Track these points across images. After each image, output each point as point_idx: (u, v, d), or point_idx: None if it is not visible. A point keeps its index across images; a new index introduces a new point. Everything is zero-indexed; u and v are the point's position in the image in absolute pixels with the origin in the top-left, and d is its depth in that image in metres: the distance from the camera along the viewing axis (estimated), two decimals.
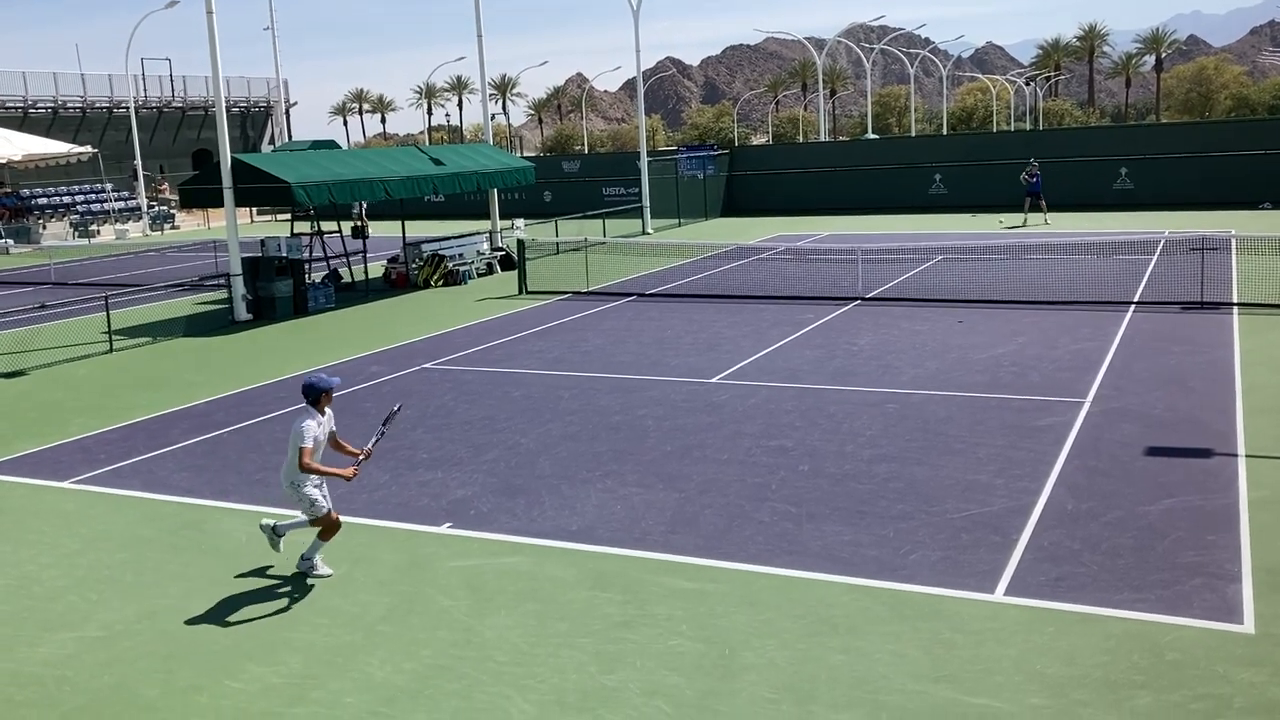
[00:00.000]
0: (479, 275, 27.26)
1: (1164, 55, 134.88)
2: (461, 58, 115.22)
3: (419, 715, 6.37)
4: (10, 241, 41.39)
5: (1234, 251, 23.42)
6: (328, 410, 8.43)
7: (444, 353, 17.44)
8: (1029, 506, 9.27)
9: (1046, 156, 40.76)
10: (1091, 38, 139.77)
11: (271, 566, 8.72)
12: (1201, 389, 13.05)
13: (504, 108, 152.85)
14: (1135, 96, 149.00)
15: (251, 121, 65.44)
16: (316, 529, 8.47)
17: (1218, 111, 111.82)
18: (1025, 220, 35.28)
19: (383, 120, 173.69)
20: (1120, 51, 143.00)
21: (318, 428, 8.25)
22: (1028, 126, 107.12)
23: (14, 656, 7.34)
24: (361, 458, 8.44)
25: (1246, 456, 10.37)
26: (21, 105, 53.82)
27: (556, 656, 6.96)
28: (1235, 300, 18.72)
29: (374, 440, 8.66)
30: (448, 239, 28.01)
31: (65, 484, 11.22)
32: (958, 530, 8.82)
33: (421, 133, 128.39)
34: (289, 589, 8.28)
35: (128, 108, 51.86)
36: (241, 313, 21.84)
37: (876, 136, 69.99)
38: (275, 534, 8.67)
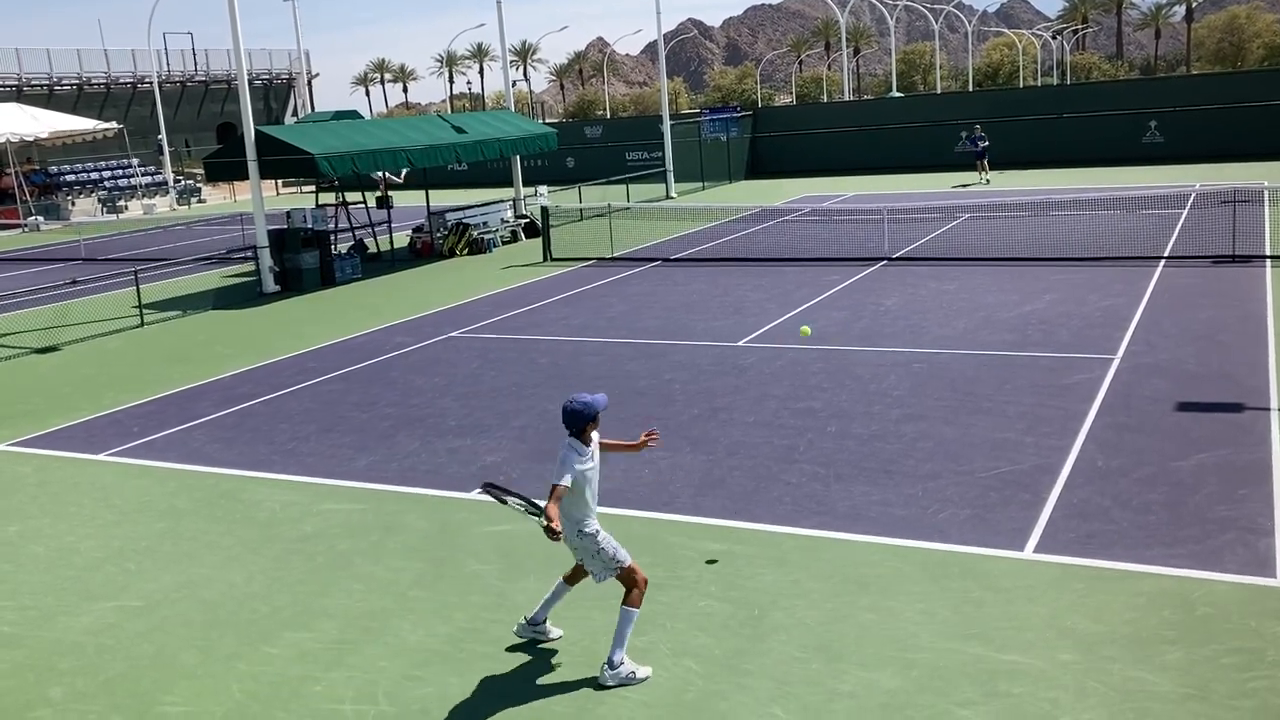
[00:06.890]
0: (503, 243, 27.28)
1: (1194, 5, 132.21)
2: (482, 24, 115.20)
3: (452, 678, 6.46)
4: (40, 218, 41.73)
5: (1267, 203, 23.07)
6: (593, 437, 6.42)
7: (470, 321, 17.50)
8: (1058, 464, 9.24)
9: (1074, 111, 40.31)
10: None
11: (306, 535, 8.83)
12: (1233, 343, 12.92)
13: (525, 74, 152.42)
14: (1165, 48, 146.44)
15: (274, 94, 65.51)
16: (627, 618, 6.34)
17: (1250, 61, 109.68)
18: (986, 179, 34.83)
19: (404, 90, 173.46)
20: (1149, 2, 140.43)
21: (579, 459, 6.27)
22: (1055, 81, 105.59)
23: (56, 625, 7.49)
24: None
25: (1279, 410, 10.28)
26: (46, 83, 54.09)
27: (587, 619, 7.02)
28: (1268, 253, 18.47)
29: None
30: (472, 207, 28.04)
31: (101, 456, 11.38)
32: (987, 489, 8.80)
33: (443, 101, 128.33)
34: (324, 557, 8.38)
35: (151, 83, 52.05)
36: (269, 285, 21.98)
37: (901, 95, 69.26)
38: (533, 626, 6.80)
